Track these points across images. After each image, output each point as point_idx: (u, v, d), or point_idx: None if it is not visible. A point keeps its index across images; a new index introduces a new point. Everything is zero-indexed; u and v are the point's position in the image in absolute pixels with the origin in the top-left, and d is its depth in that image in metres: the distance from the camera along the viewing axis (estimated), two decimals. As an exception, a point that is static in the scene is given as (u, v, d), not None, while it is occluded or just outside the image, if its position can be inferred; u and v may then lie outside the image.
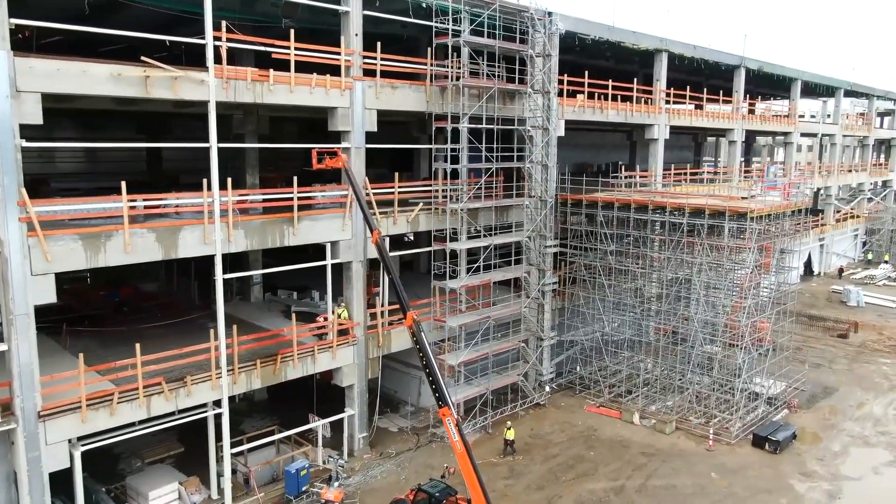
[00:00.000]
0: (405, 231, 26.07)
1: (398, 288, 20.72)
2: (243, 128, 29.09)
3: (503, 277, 28.12)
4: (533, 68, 28.65)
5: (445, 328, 26.51)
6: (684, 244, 27.98)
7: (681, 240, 28.00)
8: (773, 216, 27.32)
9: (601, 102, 33.95)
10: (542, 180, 30.50)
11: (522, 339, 29.65)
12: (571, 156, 55.46)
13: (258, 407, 29.97)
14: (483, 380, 28.14)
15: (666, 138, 38.99)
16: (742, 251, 26.56)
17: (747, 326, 27.46)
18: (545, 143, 30.79)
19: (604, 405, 30.52)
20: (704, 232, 27.29)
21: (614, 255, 30.55)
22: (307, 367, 23.50)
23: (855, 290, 50.80)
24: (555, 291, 32.78)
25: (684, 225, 27.77)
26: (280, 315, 28.46)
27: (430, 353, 20.03)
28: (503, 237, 28.27)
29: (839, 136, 59.93)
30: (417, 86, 25.58)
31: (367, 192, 24.39)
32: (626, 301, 30.86)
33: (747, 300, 26.78)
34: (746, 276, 26.28)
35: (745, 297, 26.80)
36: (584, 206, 31.23)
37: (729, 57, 43.63)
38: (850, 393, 33.01)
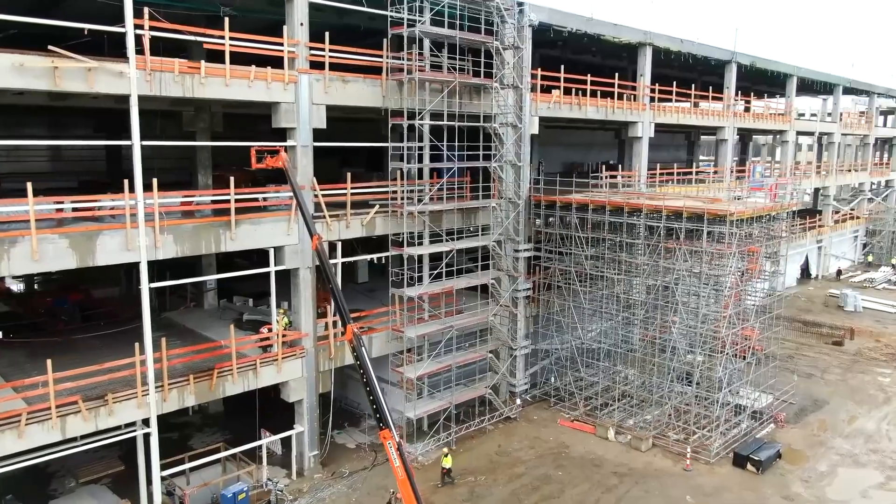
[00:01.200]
0: (360, 235, 24.34)
1: (338, 298, 19.08)
2: (194, 125, 27.46)
3: (468, 284, 26.41)
4: (502, 62, 26.88)
5: (404, 339, 24.79)
6: (662, 249, 26.21)
7: (658, 244, 26.22)
8: (756, 219, 25.51)
9: (579, 98, 32.18)
10: (513, 181, 28.82)
11: (491, 349, 27.93)
12: (561, 155, 54.01)
13: (212, 420, 28.36)
14: (447, 393, 26.44)
15: (651, 136, 37.13)
16: (723, 256, 24.75)
17: (729, 336, 25.66)
18: (517, 142, 29.09)
19: (578, 419, 28.77)
20: (682, 236, 25.50)
21: (589, 260, 28.79)
22: (248, 383, 21.84)
23: (852, 294, 48.89)
24: (529, 298, 31.06)
25: (661, 229, 25.99)
26: (233, 324, 26.76)
27: (370, 369, 18.37)
28: (468, 241, 26.54)
29: (837, 134, 57.96)
30: (373, 80, 23.87)
31: (315, 194, 22.74)
32: (603, 309, 29.05)
33: (729, 309, 24.99)
34: (727, 283, 24.49)
35: (727, 306, 25.00)
36: (557, 207, 29.44)
37: (719, 52, 41.79)
38: (841, 406, 31.16)
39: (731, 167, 44.17)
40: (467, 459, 25.51)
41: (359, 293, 31.22)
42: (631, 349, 28.62)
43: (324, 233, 23.05)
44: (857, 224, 64.41)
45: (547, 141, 52.10)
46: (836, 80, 55.16)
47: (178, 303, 29.73)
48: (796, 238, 53.69)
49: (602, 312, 29.15)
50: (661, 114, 37.65)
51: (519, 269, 30.28)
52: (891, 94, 66.39)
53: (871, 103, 63.85)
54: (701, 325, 25.80)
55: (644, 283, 27.60)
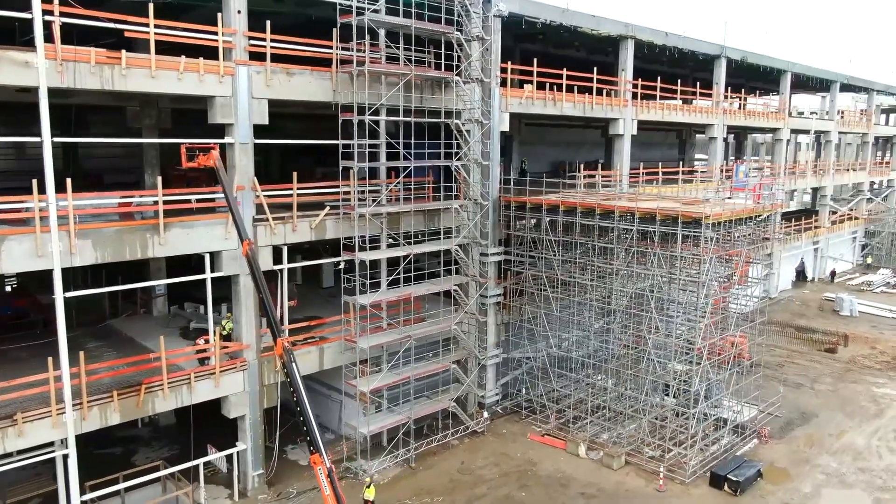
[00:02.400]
0: (310, 239, 22.75)
1: (268, 308, 17.48)
2: (139, 121, 25.92)
3: (428, 291, 24.77)
4: (465, 54, 25.23)
5: (357, 349, 23.19)
6: (635, 254, 24.56)
7: (631, 249, 24.57)
8: (735, 222, 23.83)
9: (554, 94, 30.50)
10: (479, 181, 27.20)
11: (456, 359, 26.29)
12: (548, 154, 52.33)
13: (162, 433, 26.83)
14: (408, 406, 24.85)
15: (634, 134, 35.46)
16: (700, 262, 23.08)
17: (706, 346, 23.99)
18: (484, 139, 27.49)
19: (549, 434, 27.13)
20: (657, 240, 23.85)
21: (561, 264, 27.14)
22: (182, 398, 20.26)
23: (848, 298, 47.08)
24: (500, 305, 29.45)
25: (634, 232, 24.33)
26: (179, 333, 25.26)
27: (300, 387, 16.76)
28: (428, 245, 24.94)
29: (835, 132, 56.12)
30: (322, 72, 22.26)
31: (256, 195, 21.16)
32: (574, 317, 27.39)
33: (707, 317, 23.32)
34: (701, 291, 22.80)
35: (703, 314, 23.33)
36: (528, 209, 27.80)
37: (707, 46, 40.07)
38: (830, 419, 29.43)
39: (721, 166, 42.47)
40: (426, 478, 23.92)
41: (322, 298, 29.66)
42: (604, 359, 26.94)
43: (266, 237, 21.51)
44: (855, 225, 62.54)
45: (532, 139, 50.59)
46: (832, 76, 53.34)
47: (126, 309, 28.18)
48: (791, 240, 51.97)
49: (575, 320, 27.47)
50: (645, 110, 35.95)
51: (489, 274, 28.72)
52: (891, 91, 64.48)
53: (870, 100, 62.00)
54: (677, 335, 24.13)
55: (619, 290, 25.93)
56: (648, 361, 25.05)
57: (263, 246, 21.46)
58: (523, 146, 48.37)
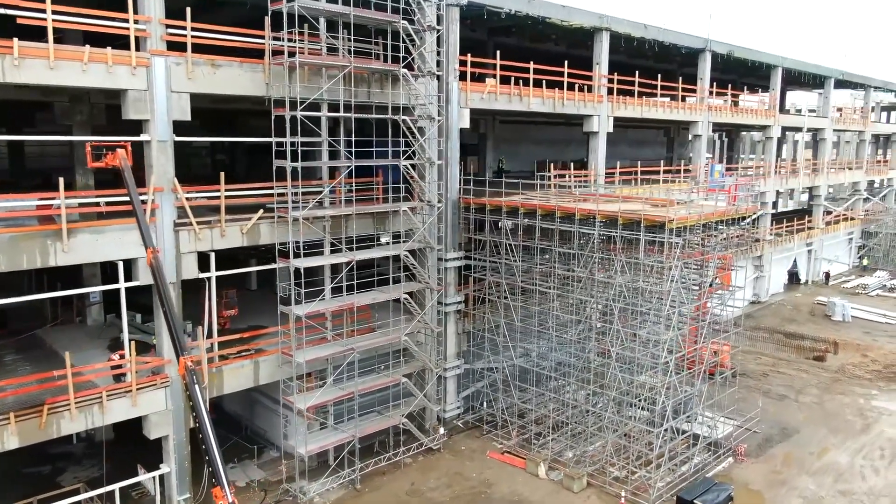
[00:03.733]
0: (241, 245, 21.03)
1: (171, 323, 15.80)
2: (70, 118, 24.24)
3: (373, 300, 23.03)
4: (415, 45, 23.47)
5: (293, 364, 21.49)
6: (596, 260, 22.79)
7: (592, 254, 22.81)
8: (704, 226, 22.05)
9: (520, 88, 28.72)
10: (435, 181, 25.47)
11: (406, 372, 24.56)
12: (532, 152, 50.48)
13: (97, 450, 25.14)
14: (353, 423, 23.15)
15: (609, 131, 33.66)
16: (665, 269, 21.29)
17: (673, 360, 22.23)
18: (442, 137, 25.78)
19: (510, 451, 25.40)
20: (619, 245, 22.09)
21: (522, 271, 25.39)
22: (93, 419, 18.60)
23: (840, 302, 45.17)
24: (460, 313, 27.72)
25: (595, 237, 22.57)
26: (109, 344, 23.62)
27: (203, 412, 15.09)
28: (374, 251, 23.22)
29: (829, 130, 54.15)
30: (253, 64, 20.55)
31: (177, 198, 19.47)
32: (536, 328, 25.62)
33: (671, 329, 21.54)
34: (667, 300, 21.02)
35: (669, 326, 21.56)
36: (487, 212, 26.06)
37: (691, 39, 38.22)
38: (812, 435, 27.61)
39: (705, 165, 40.61)
40: (371, 501, 22.25)
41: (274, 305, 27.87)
42: (567, 373, 25.18)
43: (191, 243, 19.83)
44: (851, 226, 60.57)
45: (514, 137, 48.79)
46: (826, 71, 51.36)
47: (63, 316, 26.53)
48: (782, 241, 50.13)
49: (536, 331, 25.72)
50: (622, 106, 34.14)
51: (448, 281, 27.01)
52: (889, 88, 62.41)
53: (867, 97, 59.98)
54: (642, 347, 22.37)
55: (582, 299, 24.17)
56: (613, 375, 23.27)
57: (187, 252, 19.79)
58: (501, 144, 46.61)
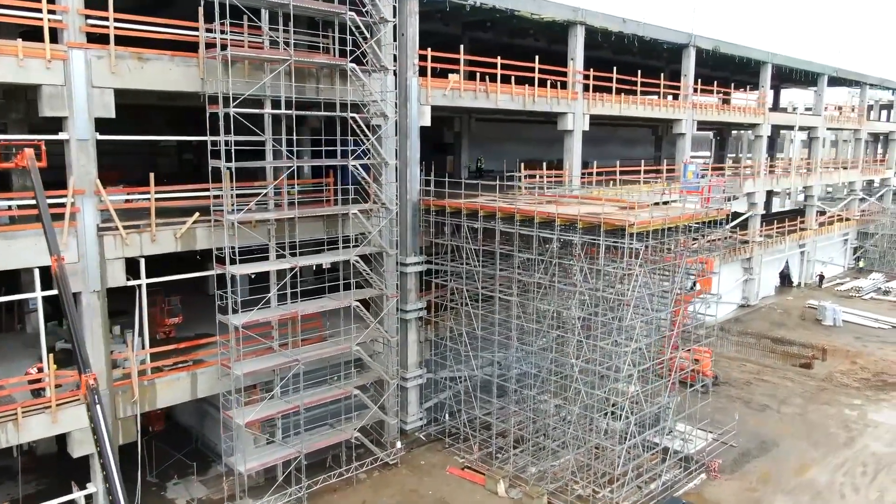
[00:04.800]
0: (175, 250, 19.77)
1: (74, 337, 14.55)
2: (5, 116, 23.03)
3: (320, 308, 21.76)
4: (369, 39, 22.16)
5: (231, 376, 20.23)
6: (556, 267, 21.48)
7: (552, 260, 21.49)
8: (670, 230, 20.72)
9: (487, 85, 27.40)
10: (392, 183, 24.19)
11: (360, 383, 23.28)
12: (517, 151, 49.09)
13: (38, 463, 24.01)
14: (306, 437, 21.92)
15: (585, 129, 32.34)
16: (626, 276, 19.97)
17: (637, 374, 20.92)
18: (402, 136, 24.53)
19: (470, 466, 24.12)
20: (579, 251, 20.77)
21: (483, 277, 24.10)
22: (7, 436, 17.38)
23: (831, 307, 43.72)
24: (422, 320, 26.44)
25: (555, 241, 21.26)
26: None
27: (105, 437, 13.84)
28: (321, 256, 21.93)
29: (822, 128, 52.68)
30: (186, 58, 19.29)
31: (101, 200, 18.23)
32: (497, 337, 24.32)
33: (633, 340, 20.21)
34: (629, 308, 19.69)
35: (631, 338, 20.24)
36: (448, 214, 24.77)
37: (673, 34, 36.84)
38: (792, 449, 26.25)
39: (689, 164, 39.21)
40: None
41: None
42: (528, 384, 23.86)
43: (117, 248, 18.59)
44: (847, 226, 59.06)
45: (496, 136, 47.48)
46: (819, 68, 49.90)
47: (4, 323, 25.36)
48: (773, 242, 48.72)
49: (498, 340, 24.41)
50: (598, 104, 32.79)
51: (409, 286, 25.76)
52: (886, 85, 60.89)
53: (862, 95, 58.46)
54: (604, 360, 21.05)
55: (543, 308, 22.85)
56: (576, 388, 21.96)
57: (113, 259, 18.55)
58: (484, 143, 45.36)
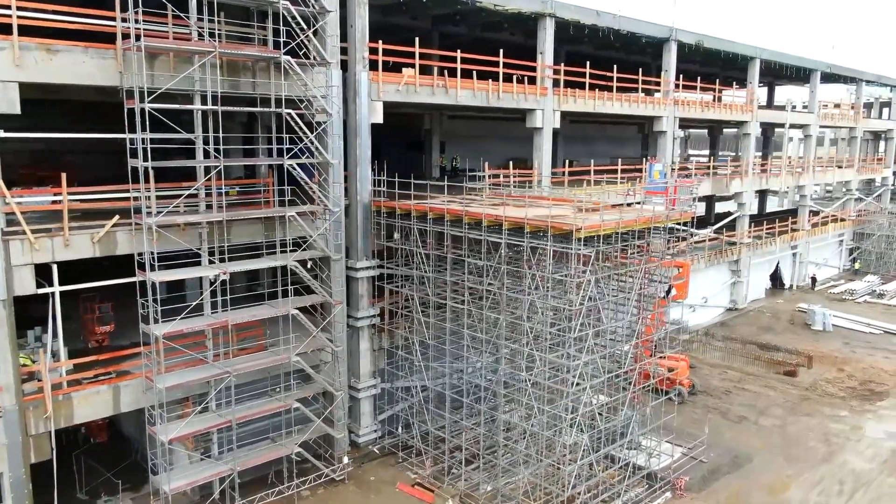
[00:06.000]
0: (93, 255, 18.48)
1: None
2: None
3: (253, 317, 20.44)
4: (306, 30, 20.84)
5: (154, 390, 18.95)
6: (503, 272, 20.11)
7: (500, 266, 20.12)
8: (624, 235, 19.32)
9: (445, 79, 26.04)
10: (340, 183, 22.89)
11: (301, 396, 21.97)
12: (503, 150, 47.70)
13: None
14: (234, 454, 20.63)
15: (556, 127, 30.93)
16: (576, 285, 18.56)
17: (586, 390, 19.53)
18: (351, 133, 23.26)
19: (421, 483, 22.79)
20: (527, 256, 19.39)
21: (433, 283, 22.76)
22: None
23: (821, 310, 42.16)
24: (375, 327, 25.13)
25: (503, 246, 19.88)
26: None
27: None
28: (253, 262, 20.63)
29: (815, 126, 51.06)
30: (102, 49, 18.01)
31: (6, 202, 16.98)
32: (448, 346, 22.98)
33: (583, 353, 18.82)
34: (576, 319, 18.29)
35: (579, 350, 18.84)
36: (398, 216, 23.43)
37: (652, 27, 35.42)
38: (767, 465, 24.80)
39: (670, 163, 37.81)
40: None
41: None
42: (480, 398, 22.52)
43: (25, 254, 17.32)
44: (842, 227, 57.44)
45: (479, 133, 46.08)
46: (811, 64, 48.30)
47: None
48: (762, 244, 47.18)
49: (449, 350, 23.08)
50: (570, 100, 31.37)
51: (361, 292, 24.47)
52: (883, 82, 59.21)
53: (858, 91, 56.79)
54: (555, 373, 19.67)
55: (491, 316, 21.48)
56: (527, 404, 20.59)
57: (21, 265, 17.29)
58: (463, 141, 43.95)
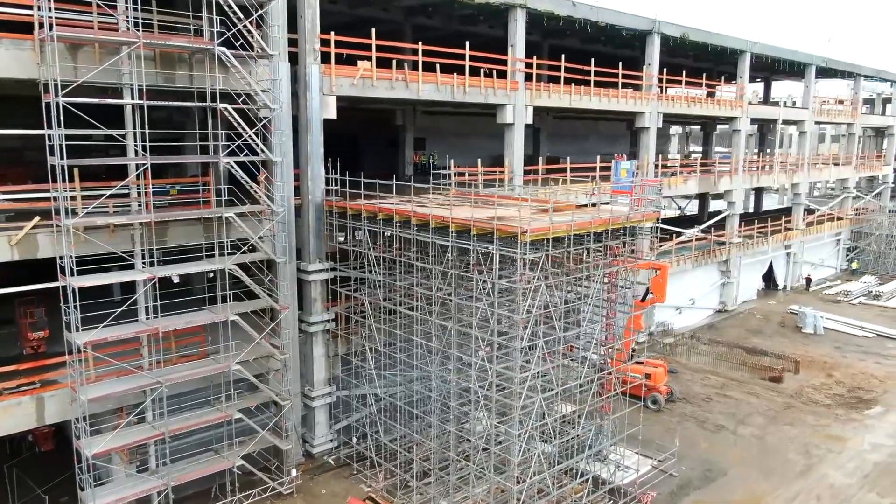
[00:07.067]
0: (11, 259, 17.41)
1: None
2: None
3: (187, 324, 19.31)
4: (239, 19, 19.68)
5: (77, 402, 17.89)
6: (451, 277, 18.92)
7: (448, 271, 18.95)
8: (578, 238, 18.08)
9: (406, 73, 24.83)
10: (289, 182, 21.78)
11: (243, 406, 20.85)
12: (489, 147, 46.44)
13: None
14: (177, 467, 19.58)
15: (528, 122, 29.68)
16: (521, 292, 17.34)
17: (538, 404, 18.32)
18: (302, 129, 22.14)
19: (374, 498, 21.65)
20: (476, 260, 18.20)
21: (383, 288, 21.62)
22: None
23: (812, 313, 40.75)
24: (330, 333, 24.02)
25: (450, 250, 18.70)
26: None
27: None
28: (187, 266, 19.53)
29: (810, 122, 49.56)
30: (19, 40, 16.92)
31: None
32: (398, 354, 21.85)
33: (532, 364, 17.61)
34: (522, 328, 17.09)
35: (527, 361, 17.64)
36: (349, 217, 22.27)
37: (633, 19, 34.04)
38: (741, 478, 23.53)
39: (653, 160, 36.53)
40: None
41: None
42: (431, 409, 21.35)
43: (-69, 256, 16.29)
44: (839, 226, 55.91)
45: (463, 129, 44.86)
46: (805, 58, 46.76)
47: None
48: (754, 244, 45.79)
49: (400, 358, 21.94)
50: (544, 95, 30.11)
51: (314, 296, 23.38)
52: (882, 77, 57.55)
53: (856, 86, 55.17)
54: (503, 385, 18.49)
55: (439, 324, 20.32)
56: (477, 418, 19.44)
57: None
58: (445, 138, 42.74)
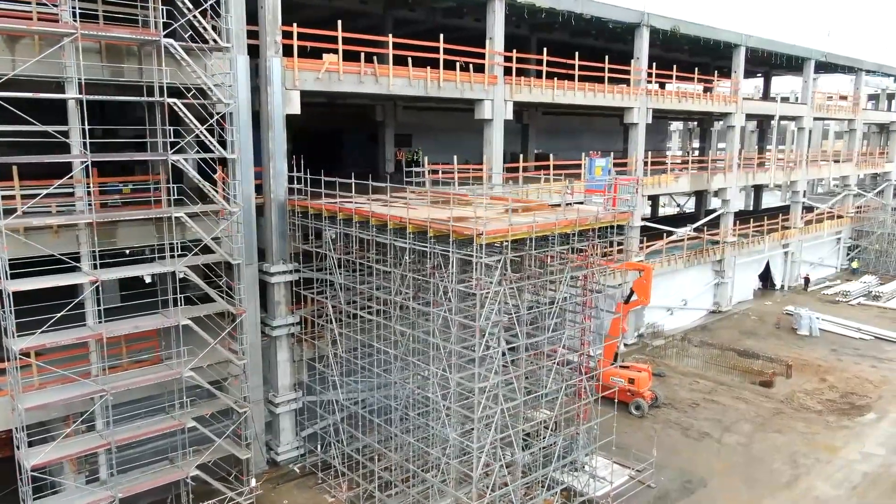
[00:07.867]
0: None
1: None
2: None
3: (134, 329, 18.42)
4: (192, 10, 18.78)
5: (16, 411, 17.09)
6: (409, 281, 18.01)
7: (406, 274, 18.03)
8: (541, 239, 17.12)
9: (375, 67, 23.88)
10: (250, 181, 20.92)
11: (197, 414, 20.00)
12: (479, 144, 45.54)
13: None
14: (124, 479, 18.78)
15: (508, 118, 28.73)
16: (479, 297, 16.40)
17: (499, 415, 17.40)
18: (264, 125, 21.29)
19: (336, 509, 20.86)
20: (435, 262, 17.28)
21: (343, 291, 20.72)
22: None
23: (807, 315, 39.62)
24: (295, 336, 23.17)
25: (408, 252, 17.78)
26: None
27: None
28: (133, 269, 18.69)
29: (809, 118, 48.33)
30: (-48, 32, 16.13)
31: None
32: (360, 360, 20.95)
33: (492, 374, 16.69)
34: (480, 336, 16.15)
35: (490, 370, 16.72)
36: (311, 217, 21.39)
37: (620, 12, 32.97)
38: (722, 490, 22.55)
39: (642, 157, 35.50)
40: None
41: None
42: (390, 419, 20.47)
43: None
44: (840, 225, 54.66)
45: (455, 127, 43.84)
46: (803, 52, 45.54)
47: None
48: (750, 243, 44.68)
49: (360, 364, 21.05)
50: (524, 89, 29.13)
51: (278, 298, 22.52)
52: (884, 72, 56.18)
53: (858, 81, 53.83)
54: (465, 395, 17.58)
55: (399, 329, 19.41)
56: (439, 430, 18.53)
57: None
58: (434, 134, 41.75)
